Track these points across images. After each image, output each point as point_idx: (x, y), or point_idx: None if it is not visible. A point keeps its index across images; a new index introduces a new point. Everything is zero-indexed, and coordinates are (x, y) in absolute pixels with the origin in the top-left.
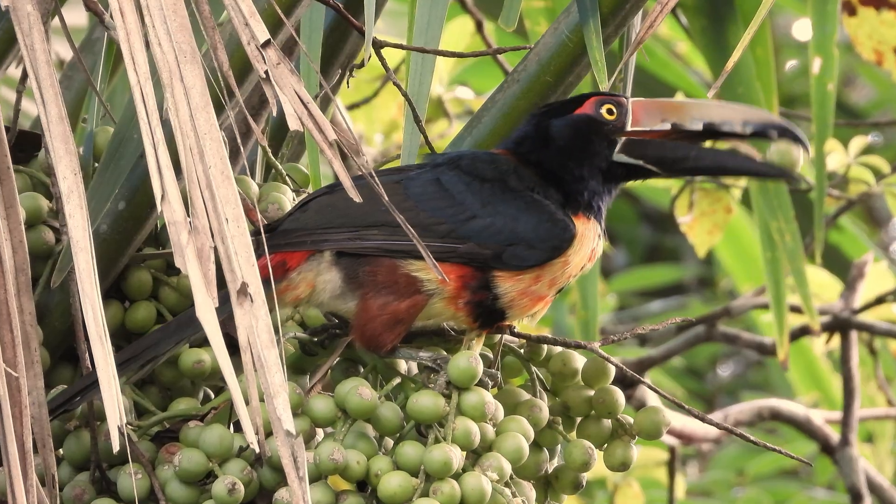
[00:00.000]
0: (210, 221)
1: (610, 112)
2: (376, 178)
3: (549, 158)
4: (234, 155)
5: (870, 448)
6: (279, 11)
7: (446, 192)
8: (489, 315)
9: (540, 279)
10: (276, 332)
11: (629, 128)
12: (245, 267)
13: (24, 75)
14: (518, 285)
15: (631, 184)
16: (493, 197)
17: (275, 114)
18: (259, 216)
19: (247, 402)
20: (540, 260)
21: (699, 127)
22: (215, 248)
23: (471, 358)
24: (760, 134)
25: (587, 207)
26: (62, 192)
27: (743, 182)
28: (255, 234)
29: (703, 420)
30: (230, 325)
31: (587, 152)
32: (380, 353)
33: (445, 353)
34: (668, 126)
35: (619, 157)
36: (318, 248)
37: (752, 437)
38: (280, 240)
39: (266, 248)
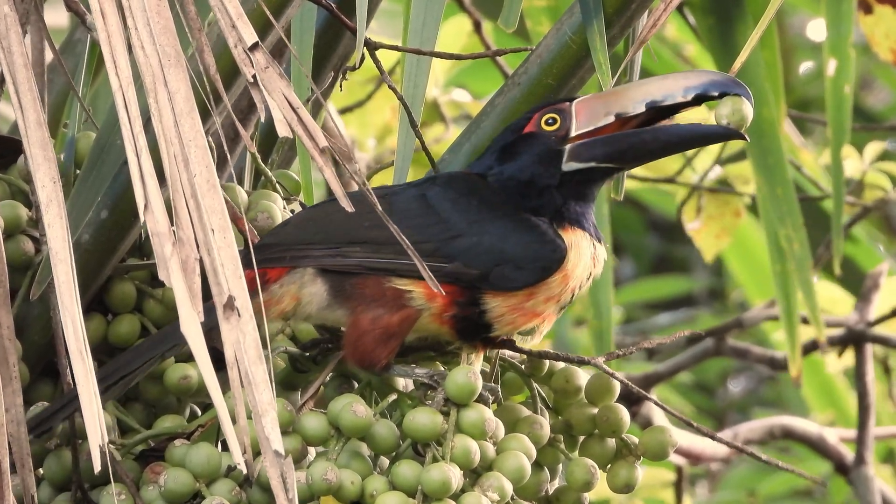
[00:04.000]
0: (195, 232)
1: (550, 122)
2: (365, 192)
3: (512, 181)
4: (221, 162)
5: (891, 468)
6: (268, 12)
7: (431, 209)
8: (474, 328)
9: (533, 296)
10: (265, 347)
11: (573, 133)
12: (232, 279)
13: (1, 79)
14: (508, 301)
15: (637, 191)
16: (480, 215)
17: (263, 119)
18: (247, 225)
19: (234, 421)
20: (528, 281)
21: (643, 109)
22: (201, 260)
23: (469, 373)
24: (703, 97)
25: (569, 219)
26: (41, 201)
27: (751, 188)
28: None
29: (711, 437)
30: (217, 340)
31: (537, 170)
32: (374, 371)
33: (443, 369)
34: (612, 119)
35: (568, 165)
36: (297, 265)
37: (762, 456)
38: (259, 254)
39: (252, 260)
